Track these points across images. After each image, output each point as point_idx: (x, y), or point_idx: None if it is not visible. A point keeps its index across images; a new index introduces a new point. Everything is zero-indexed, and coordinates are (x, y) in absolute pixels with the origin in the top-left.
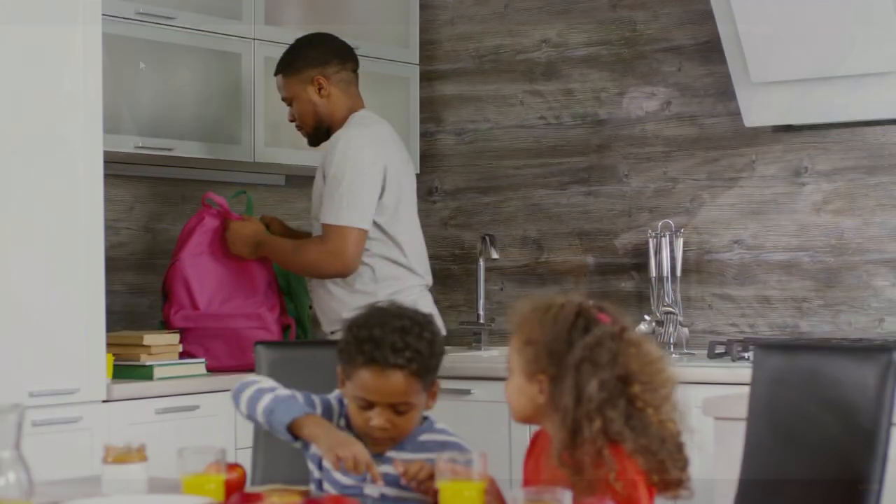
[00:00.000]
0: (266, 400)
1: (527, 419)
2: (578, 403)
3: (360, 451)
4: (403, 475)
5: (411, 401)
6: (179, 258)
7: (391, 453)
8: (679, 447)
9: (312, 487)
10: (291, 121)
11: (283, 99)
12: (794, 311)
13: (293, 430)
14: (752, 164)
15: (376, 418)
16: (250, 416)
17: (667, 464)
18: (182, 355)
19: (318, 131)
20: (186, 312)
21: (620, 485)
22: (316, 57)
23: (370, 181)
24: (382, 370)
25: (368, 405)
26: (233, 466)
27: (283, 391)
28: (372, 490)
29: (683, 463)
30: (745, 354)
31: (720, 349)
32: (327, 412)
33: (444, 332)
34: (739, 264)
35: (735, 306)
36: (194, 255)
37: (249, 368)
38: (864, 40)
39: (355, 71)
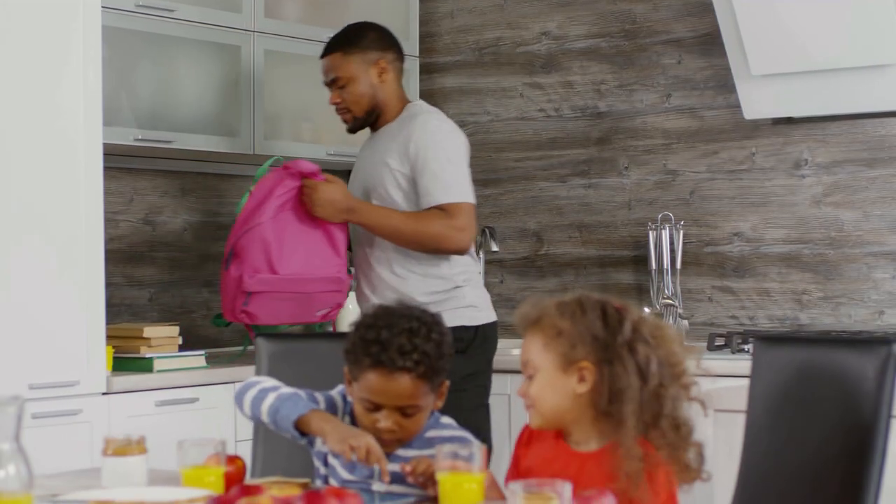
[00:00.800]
0: (270, 399)
1: (556, 419)
2: (645, 382)
3: (372, 442)
4: (410, 474)
5: (419, 403)
6: (260, 223)
7: (399, 450)
8: (690, 433)
9: (319, 483)
10: (336, 103)
11: (335, 80)
12: (793, 303)
13: (300, 426)
14: (752, 157)
15: (383, 420)
16: (255, 417)
17: (682, 452)
18: (244, 314)
19: (368, 117)
20: (264, 276)
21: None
22: (379, 40)
23: (467, 162)
24: (390, 373)
25: (375, 407)
26: (232, 458)
27: (287, 389)
28: (379, 486)
29: (699, 449)
30: (745, 347)
31: (720, 341)
32: (331, 408)
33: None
34: (739, 257)
35: (735, 299)
36: (275, 218)
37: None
38: (864, 33)
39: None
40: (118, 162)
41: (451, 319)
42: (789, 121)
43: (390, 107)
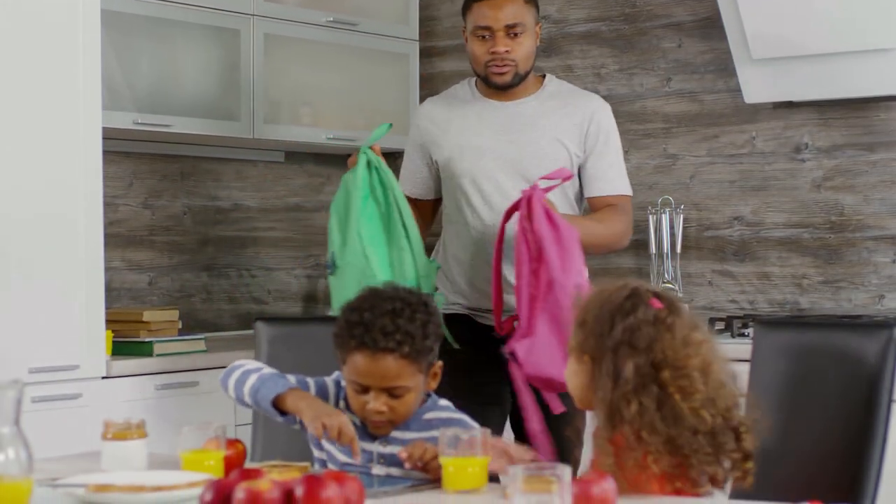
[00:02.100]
0: (252, 380)
1: (583, 402)
2: (615, 386)
3: (344, 421)
4: (408, 459)
5: (405, 384)
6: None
7: (397, 433)
8: (714, 439)
9: (318, 467)
10: (501, 53)
11: (513, 25)
12: (794, 287)
13: (278, 404)
14: (753, 141)
15: (372, 402)
16: (239, 399)
17: (692, 459)
18: (526, 330)
19: (525, 77)
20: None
21: (657, 467)
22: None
23: None
24: (373, 354)
25: (363, 389)
26: (232, 442)
27: (269, 370)
28: (379, 470)
29: (714, 457)
30: (745, 331)
31: (720, 325)
32: (322, 393)
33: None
34: (739, 241)
35: (735, 283)
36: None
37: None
38: (865, 17)
39: None
40: (117, 146)
41: None
42: (790, 105)
43: (530, 71)
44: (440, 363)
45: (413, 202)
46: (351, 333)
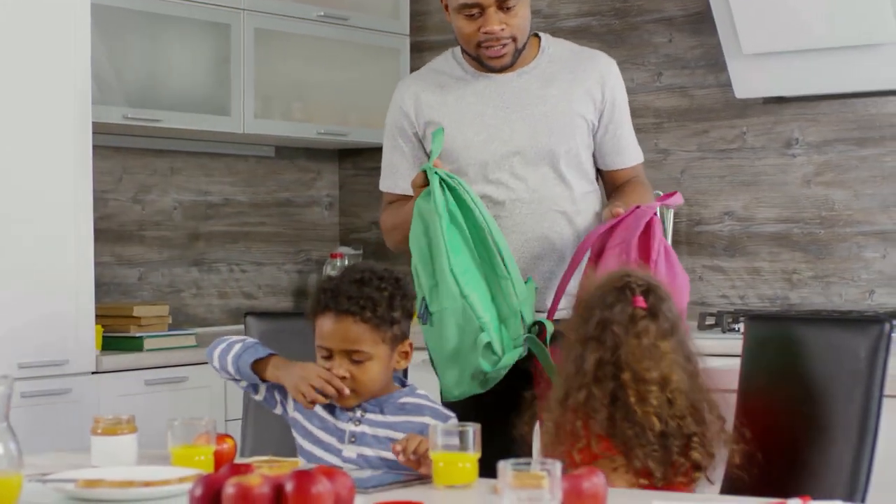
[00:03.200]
0: (236, 348)
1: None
2: (575, 374)
3: (314, 374)
4: (402, 453)
5: (365, 349)
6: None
7: (370, 415)
8: (664, 441)
9: (302, 461)
10: (496, 31)
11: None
12: (784, 282)
13: (257, 370)
14: (743, 136)
15: (336, 368)
16: (223, 368)
17: (637, 451)
18: None
19: (524, 46)
20: None
21: (580, 458)
22: None
23: None
24: (336, 316)
25: (328, 354)
26: (223, 437)
27: (252, 340)
28: (350, 451)
29: (660, 457)
30: (736, 326)
31: (710, 320)
32: None
33: None
34: (730, 236)
35: (725, 278)
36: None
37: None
38: (855, 12)
39: None
40: (107, 140)
41: None
42: (780, 100)
43: (529, 39)
44: (410, 342)
45: (404, 199)
46: (318, 299)
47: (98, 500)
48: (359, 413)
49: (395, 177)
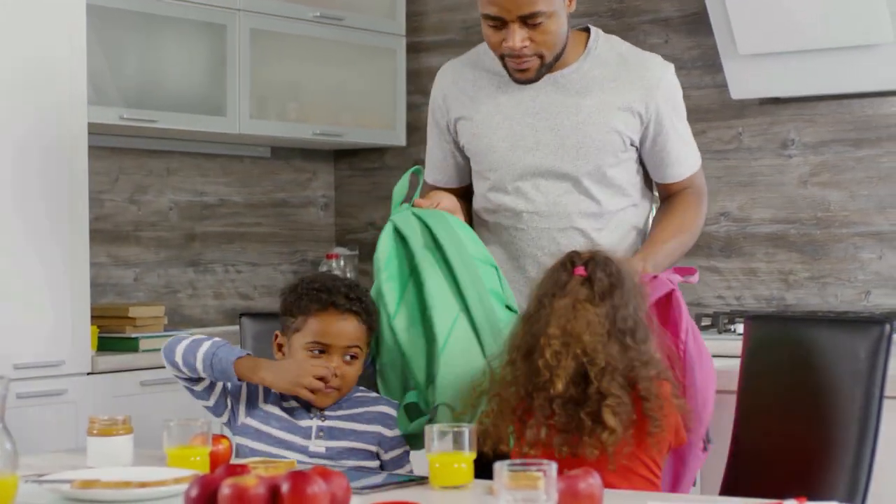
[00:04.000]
0: (205, 346)
1: None
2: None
3: (309, 368)
4: None
5: (361, 349)
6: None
7: (331, 411)
8: (566, 407)
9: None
10: (519, 49)
11: (530, 16)
12: (780, 283)
13: (238, 368)
14: (739, 137)
15: (334, 363)
16: (187, 364)
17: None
18: None
19: (558, 58)
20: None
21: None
22: None
23: None
24: (340, 314)
25: (322, 349)
26: (218, 438)
27: (219, 339)
28: (318, 446)
29: (562, 423)
30: (732, 327)
31: (706, 321)
32: None
33: None
34: (726, 236)
35: (721, 279)
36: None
37: None
38: (852, 12)
39: None
40: (103, 141)
41: None
42: (776, 101)
43: (568, 42)
44: (369, 352)
45: (449, 190)
46: (316, 298)
47: (94, 501)
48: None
49: (429, 165)
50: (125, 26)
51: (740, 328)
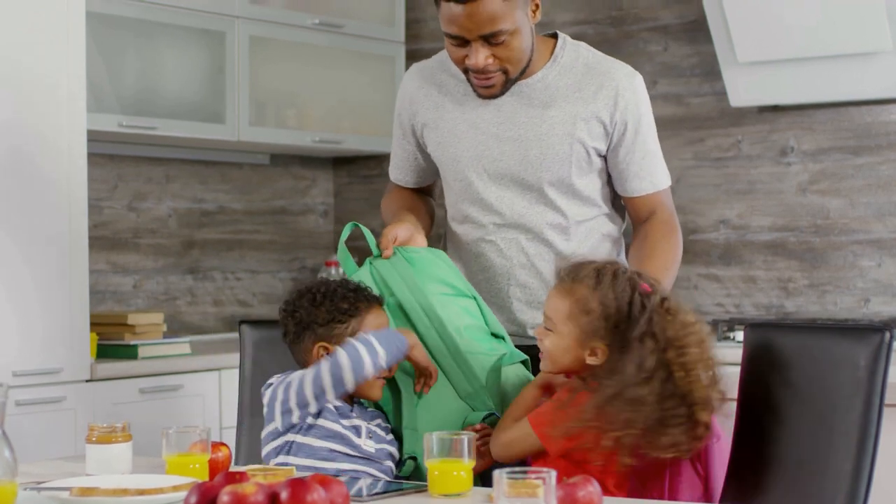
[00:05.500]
0: (374, 343)
1: (563, 371)
2: (637, 372)
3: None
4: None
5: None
6: None
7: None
8: (690, 409)
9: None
10: (483, 67)
11: (493, 34)
12: (779, 291)
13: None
14: (738, 144)
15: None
16: (376, 367)
17: (669, 421)
18: None
19: (523, 72)
20: None
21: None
22: None
23: None
24: (381, 310)
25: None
26: (217, 446)
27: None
28: (370, 444)
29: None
30: (731, 334)
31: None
32: None
33: None
34: (725, 244)
35: (720, 286)
36: None
37: None
38: (850, 20)
39: None
40: (102, 148)
41: None
42: (775, 108)
43: (534, 51)
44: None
45: (400, 188)
46: (364, 296)
47: None
48: (357, 410)
49: (392, 163)
50: (124, 34)
51: (739, 336)
